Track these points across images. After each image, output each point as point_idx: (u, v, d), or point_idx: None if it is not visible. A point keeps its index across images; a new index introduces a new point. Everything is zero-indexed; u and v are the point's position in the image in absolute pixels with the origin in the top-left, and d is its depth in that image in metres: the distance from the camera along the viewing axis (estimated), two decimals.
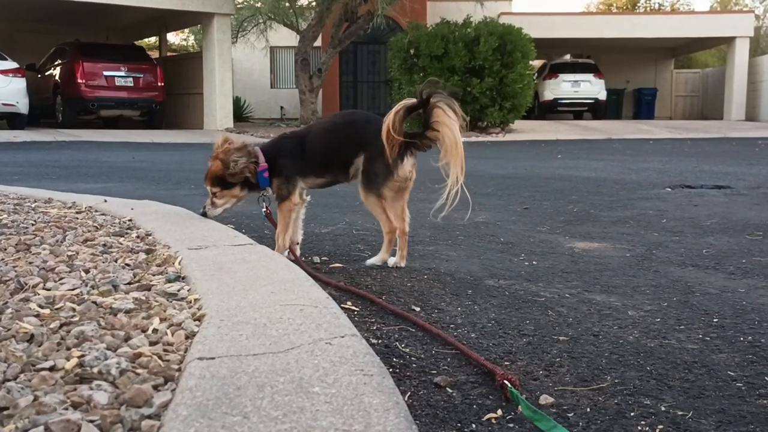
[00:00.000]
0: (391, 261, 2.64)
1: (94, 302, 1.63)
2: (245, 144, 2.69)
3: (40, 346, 1.33)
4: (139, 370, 1.21)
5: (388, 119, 2.40)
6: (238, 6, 17.69)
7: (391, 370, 1.56)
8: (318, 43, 18.06)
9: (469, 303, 2.15)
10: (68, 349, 1.32)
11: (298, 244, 2.77)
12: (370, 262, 2.66)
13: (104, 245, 2.37)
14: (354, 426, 0.99)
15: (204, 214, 2.81)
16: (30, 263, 2.04)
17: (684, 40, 23.62)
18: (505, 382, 1.42)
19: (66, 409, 1.05)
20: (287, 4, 16.92)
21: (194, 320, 1.51)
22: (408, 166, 2.49)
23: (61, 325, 1.46)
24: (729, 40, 21.88)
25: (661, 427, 1.31)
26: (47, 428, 0.98)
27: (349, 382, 1.14)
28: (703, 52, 28.24)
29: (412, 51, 14.97)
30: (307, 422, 0.99)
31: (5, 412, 1.04)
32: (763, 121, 20.92)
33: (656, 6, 37.08)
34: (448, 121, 2.38)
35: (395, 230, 2.60)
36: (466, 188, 2.41)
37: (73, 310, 1.58)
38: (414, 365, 1.61)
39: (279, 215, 2.68)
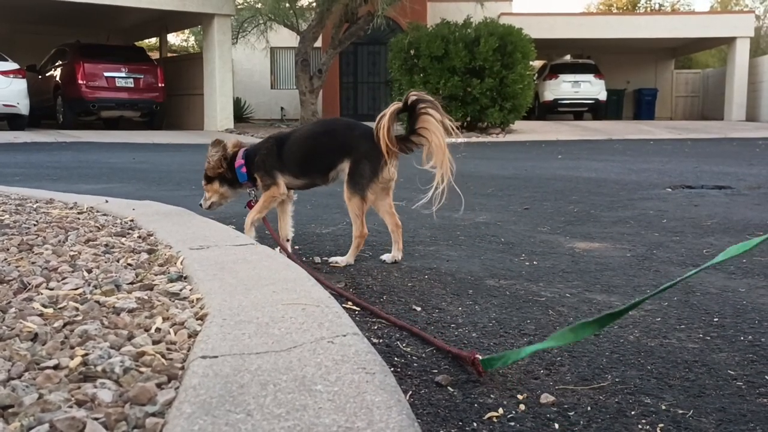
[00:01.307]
0: (389, 256, 2.73)
1: (97, 302, 1.64)
2: (220, 140, 2.97)
3: (44, 345, 1.34)
4: (143, 369, 1.22)
5: (381, 132, 2.50)
6: (239, 7, 17.71)
7: (392, 369, 1.56)
8: (318, 43, 18.07)
9: (470, 303, 2.16)
10: (72, 348, 1.32)
11: (288, 240, 2.92)
12: (335, 260, 2.71)
13: (106, 245, 2.38)
14: (357, 423, 0.99)
15: (200, 205, 3.06)
16: (33, 263, 2.05)
17: (684, 41, 23.62)
18: (477, 356, 1.51)
19: (71, 407, 1.06)
20: (287, 5, 16.93)
21: (197, 319, 1.52)
22: (392, 168, 2.64)
23: (65, 324, 1.47)
24: (729, 41, 21.88)
25: (661, 425, 1.31)
26: (53, 426, 0.98)
27: (351, 380, 1.15)
28: (703, 53, 28.24)
29: (412, 52, 14.98)
30: (310, 420, 1.00)
31: (10, 410, 1.04)
32: (764, 121, 20.92)
33: (656, 6, 37.10)
34: (434, 126, 2.48)
35: (365, 236, 2.71)
36: (459, 188, 2.49)
37: (77, 309, 1.58)
38: (415, 364, 1.62)
39: (261, 199, 2.83)
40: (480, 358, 1.52)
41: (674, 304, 2.16)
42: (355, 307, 2.04)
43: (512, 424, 1.32)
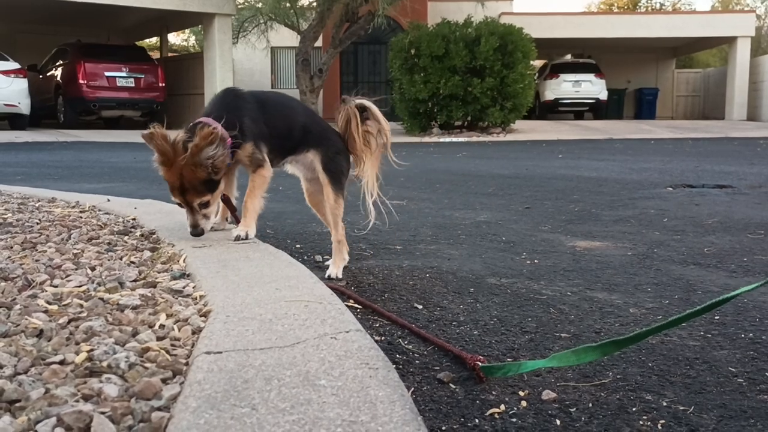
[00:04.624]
0: (332, 271, 2.43)
1: (101, 299, 1.65)
2: (212, 129, 2.18)
3: (49, 340, 1.35)
4: (148, 364, 1.23)
5: (354, 126, 2.39)
6: (239, 6, 17.72)
7: (394, 366, 1.57)
8: (319, 43, 18.08)
9: (471, 301, 2.17)
10: (77, 343, 1.33)
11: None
12: (334, 273, 2.40)
13: (109, 243, 2.39)
14: (360, 417, 1.00)
15: (199, 234, 2.32)
16: (36, 261, 2.06)
17: (685, 40, 23.62)
18: (478, 362, 1.50)
19: (77, 401, 1.07)
20: (288, 5, 16.94)
21: (200, 316, 1.53)
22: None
23: (70, 321, 1.48)
24: (730, 40, 21.88)
25: (662, 422, 1.32)
26: (60, 419, 0.99)
27: (354, 375, 1.16)
28: (704, 52, 28.23)
29: (412, 51, 14.98)
30: (314, 413, 1.01)
31: (18, 405, 1.05)
32: (765, 120, 20.92)
33: (657, 6, 37.10)
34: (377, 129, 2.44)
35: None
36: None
37: (81, 306, 1.59)
38: (417, 361, 1.63)
39: (255, 185, 2.33)
40: (480, 364, 1.51)
41: (675, 302, 2.17)
42: (356, 305, 2.05)
43: (514, 420, 1.32)
